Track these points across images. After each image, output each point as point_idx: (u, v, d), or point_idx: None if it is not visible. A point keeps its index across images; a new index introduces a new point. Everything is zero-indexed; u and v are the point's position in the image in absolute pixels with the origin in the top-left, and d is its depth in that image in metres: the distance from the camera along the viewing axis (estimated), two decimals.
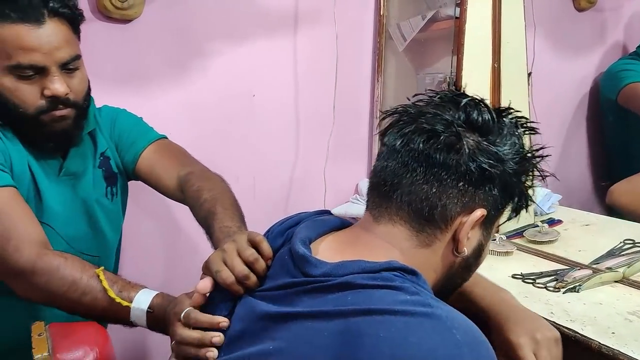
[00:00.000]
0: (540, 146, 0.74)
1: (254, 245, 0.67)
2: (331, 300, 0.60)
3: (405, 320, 0.56)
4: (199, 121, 1.55)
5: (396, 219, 0.67)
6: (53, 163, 0.97)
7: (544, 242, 1.33)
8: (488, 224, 0.71)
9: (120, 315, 0.80)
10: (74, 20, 0.91)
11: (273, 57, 1.65)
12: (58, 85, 0.87)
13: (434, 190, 0.66)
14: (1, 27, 0.83)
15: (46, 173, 0.96)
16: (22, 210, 0.85)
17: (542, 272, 1.16)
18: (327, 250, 0.68)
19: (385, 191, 0.69)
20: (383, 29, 1.80)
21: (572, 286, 1.08)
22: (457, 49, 1.45)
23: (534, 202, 0.76)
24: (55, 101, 0.88)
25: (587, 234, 1.41)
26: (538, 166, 0.73)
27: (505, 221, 0.78)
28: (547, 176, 0.75)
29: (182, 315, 0.67)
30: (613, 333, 0.91)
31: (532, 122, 0.76)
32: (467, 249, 0.69)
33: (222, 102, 1.58)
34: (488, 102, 0.72)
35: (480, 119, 0.68)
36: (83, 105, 0.94)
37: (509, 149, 0.68)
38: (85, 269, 0.81)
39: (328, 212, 0.81)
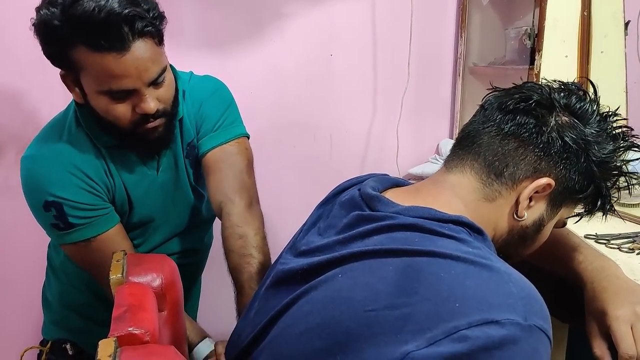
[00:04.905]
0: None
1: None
2: (399, 239, 0.62)
3: (465, 267, 0.58)
4: (278, 80, 1.62)
5: (467, 169, 0.69)
6: (152, 164, 1.05)
7: (631, 204, 1.24)
8: (556, 202, 0.70)
9: None
10: (157, 34, 0.90)
11: (350, 17, 1.66)
12: (147, 104, 0.91)
13: (511, 148, 0.67)
14: (90, 56, 0.85)
15: (144, 175, 1.03)
16: (123, 247, 0.98)
17: (619, 234, 1.10)
18: (394, 198, 0.70)
19: (466, 143, 0.70)
20: None
21: None
22: None
23: (613, 209, 0.73)
24: (147, 115, 0.93)
25: None
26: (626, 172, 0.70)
27: (579, 219, 0.76)
28: None
29: None
30: None
31: (636, 136, 0.73)
32: (527, 218, 0.68)
33: (300, 62, 1.64)
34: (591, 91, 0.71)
35: (579, 105, 0.67)
36: (172, 111, 0.99)
37: (602, 141, 0.67)
38: None
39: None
